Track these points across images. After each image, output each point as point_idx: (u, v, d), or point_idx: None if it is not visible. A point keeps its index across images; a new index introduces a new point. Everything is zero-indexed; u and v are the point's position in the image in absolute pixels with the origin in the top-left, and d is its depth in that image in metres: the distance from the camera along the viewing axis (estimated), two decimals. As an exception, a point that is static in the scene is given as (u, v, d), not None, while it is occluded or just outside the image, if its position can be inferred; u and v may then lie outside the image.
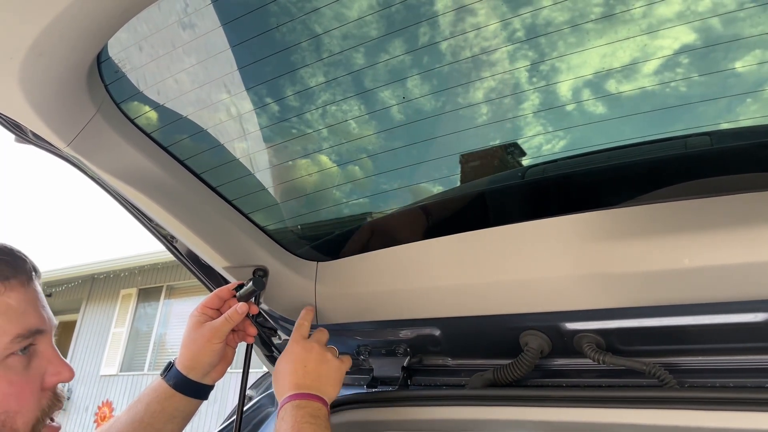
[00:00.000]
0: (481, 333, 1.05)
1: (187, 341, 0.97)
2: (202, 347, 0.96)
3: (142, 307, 11.89)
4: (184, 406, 0.97)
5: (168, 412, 0.96)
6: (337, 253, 1.17)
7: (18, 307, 0.72)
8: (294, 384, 0.90)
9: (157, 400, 0.95)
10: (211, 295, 1.01)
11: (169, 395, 0.96)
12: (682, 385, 0.89)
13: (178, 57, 0.92)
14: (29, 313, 0.73)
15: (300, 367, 0.93)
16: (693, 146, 0.88)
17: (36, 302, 0.75)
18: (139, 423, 0.94)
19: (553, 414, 0.90)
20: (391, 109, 0.95)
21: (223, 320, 0.97)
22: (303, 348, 0.96)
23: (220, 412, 8.64)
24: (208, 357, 0.97)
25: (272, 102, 0.99)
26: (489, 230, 0.98)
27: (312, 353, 0.95)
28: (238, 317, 0.97)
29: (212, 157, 1.08)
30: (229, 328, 0.97)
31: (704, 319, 0.85)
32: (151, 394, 0.97)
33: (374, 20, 0.83)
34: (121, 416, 0.98)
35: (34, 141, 0.93)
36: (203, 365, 0.97)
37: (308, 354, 0.94)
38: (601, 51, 0.79)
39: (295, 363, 0.94)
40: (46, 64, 0.75)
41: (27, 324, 0.73)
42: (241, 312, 0.97)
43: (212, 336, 0.96)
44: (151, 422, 0.94)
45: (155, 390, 0.97)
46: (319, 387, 0.91)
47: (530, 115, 0.91)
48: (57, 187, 25.39)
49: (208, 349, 0.96)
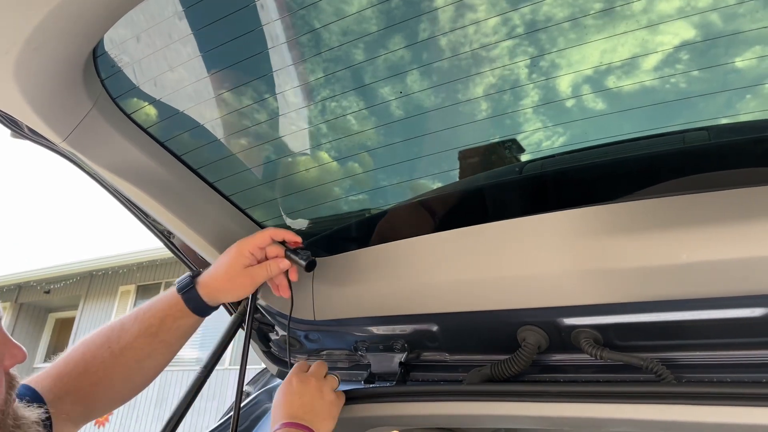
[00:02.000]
0: (479, 328, 1.05)
1: (224, 276, 0.97)
2: (234, 288, 0.98)
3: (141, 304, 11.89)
4: (198, 323, 1.01)
5: (182, 330, 0.98)
6: (333, 248, 1.17)
7: None
8: (287, 414, 0.93)
9: (173, 317, 0.97)
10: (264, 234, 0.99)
11: (185, 314, 0.97)
12: (679, 380, 0.89)
13: (174, 51, 0.91)
14: None
15: (296, 398, 0.95)
16: (691, 141, 0.88)
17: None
18: (153, 337, 0.96)
19: (551, 409, 0.90)
20: (389, 104, 0.95)
21: (264, 271, 0.98)
22: (299, 380, 0.98)
23: (218, 409, 8.66)
24: (233, 298, 1.01)
25: (269, 97, 0.99)
26: (486, 225, 0.98)
27: (308, 386, 0.97)
28: (278, 270, 0.99)
29: (209, 153, 1.08)
30: (266, 279, 0.99)
31: (702, 314, 0.85)
32: (166, 309, 0.97)
33: (373, 15, 0.82)
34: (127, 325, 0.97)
35: (30, 136, 0.93)
36: (224, 301, 1.01)
37: (304, 387, 0.97)
38: (601, 46, 0.79)
39: (290, 395, 0.96)
40: (42, 59, 0.75)
41: None
42: (282, 267, 0.99)
43: (249, 284, 0.98)
44: (165, 338, 0.96)
45: (172, 307, 0.97)
46: (312, 420, 0.93)
47: (529, 111, 0.91)
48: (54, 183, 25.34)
49: (239, 293, 1.00)
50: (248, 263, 0.98)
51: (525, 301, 0.94)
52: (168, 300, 0.98)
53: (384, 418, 1.08)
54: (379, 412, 1.07)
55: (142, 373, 0.98)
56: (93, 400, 0.93)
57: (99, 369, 0.92)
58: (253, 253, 0.98)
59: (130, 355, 0.95)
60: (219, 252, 1.06)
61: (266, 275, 0.98)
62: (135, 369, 0.96)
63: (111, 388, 0.95)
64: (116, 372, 0.94)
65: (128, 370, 0.95)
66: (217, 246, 1.06)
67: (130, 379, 0.97)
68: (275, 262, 0.98)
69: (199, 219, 1.06)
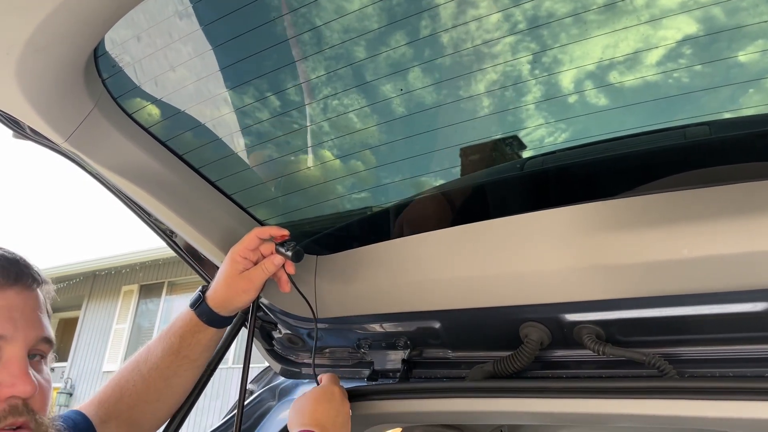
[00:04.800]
0: (481, 325, 1.05)
1: (223, 285, 0.99)
2: (237, 294, 1.00)
3: (144, 304, 11.93)
4: (217, 335, 1.03)
5: (203, 343, 1.01)
6: (336, 246, 1.17)
7: None
8: (320, 424, 0.92)
9: (191, 333, 1.00)
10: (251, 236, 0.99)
11: (202, 328, 1.00)
12: (682, 375, 0.89)
13: (175, 51, 0.91)
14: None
15: (332, 412, 0.95)
16: (692, 136, 0.87)
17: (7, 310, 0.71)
18: (176, 355, 0.99)
19: (554, 405, 0.90)
20: (391, 101, 0.95)
21: (260, 272, 0.99)
22: (342, 397, 0.99)
23: (222, 408, 8.69)
24: (241, 303, 1.01)
25: (271, 95, 0.99)
26: (488, 222, 0.98)
27: (345, 407, 0.98)
28: (273, 268, 0.99)
29: (211, 152, 1.08)
30: (265, 278, 1.00)
31: (704, 309, 0.85)
32: (184, 327, 1.00)
33: (374, 12, 0.82)
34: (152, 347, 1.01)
35: (32, 137, 0.93)
36: (235, 308, 1.02)
37: (342, 405, 0.97)
38: (603, 42, 0.79)
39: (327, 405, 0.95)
40: (43, 59, 0.75)
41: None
42: (277, 263, 0.99)
43: (249, 287, 0.99)
44: (187, 354, 1.00)
45: (188, 323, 1.00)
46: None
47: (531, 107, 0.91)
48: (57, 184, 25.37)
49: (244, 298, 1.01)
50: (243, 268, 0.99)
51: (527, 298, 0.94)
52: (183, 317, 1.02)
53: (387, 415, 1.08)
54: (382, 410, 1.07)
55: (172, 391, 1.02)
56: (134, 423, 0.98)
57: (132, 393, 0.98)
58: (245, 257, 0.99)
59: (157, 375, 0.99)
60: (221, 250, 1.06)
61: (263, 274, 0.99)
62: (165, 388, 1.00)
63: (147, 411, 1.00)
64: (148, 394, 0.99)
65: (158, 390, 1.00)
66: (219, 244, 1.06)
67: (162, 399, 1.01)
68: (269, 260, 0.99)
69: (202, 218, 1.06)
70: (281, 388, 1.40)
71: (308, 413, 0.94)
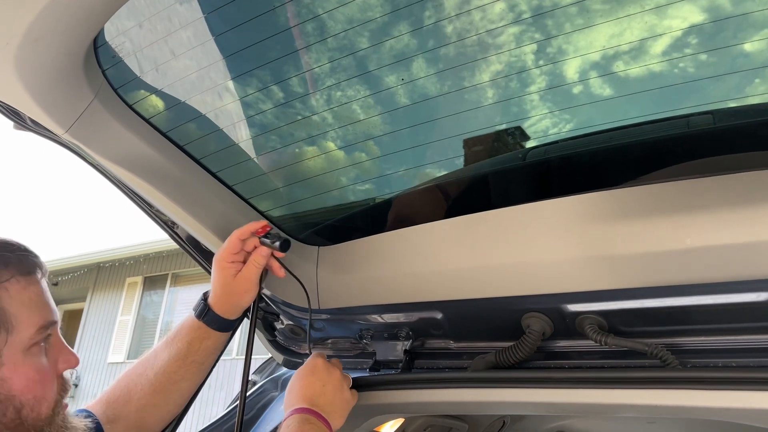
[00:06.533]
0: (483, 316, 1.05)
1: (223, 292, 1.01)
2: (240, 296, 1.01)
3: (148, 295, 11.98)
4: (225, 337, 1.05)
5: (211, 348, 1.03)
6: (338, 237, 1.17)
7: (38, 301, 0.77)
8: (305, 397, 0.92)
9: (198, 339, 1.02)
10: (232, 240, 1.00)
11: (211, 335, 1.02)
12: (684, 365, 0.89)
13: (175, 41, 0.91)
14: (47, 306, 0.79)
15: (318, 384, 0.95)
16: (695, 125, 0.86)
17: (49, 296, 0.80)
18: (183, 360, 1.01)
19: (556, 395, 0.91)
20: (394, 91, 0.94)
21: (253, 268, 1.00)
22: (326, 366, 0.98)
23: (226, 399, 8.76)
24: (246, 303, 1.03)
25: (273, 85, 0.98)
26: (490, 212, 0.97)
27: (333, 376, 0.97)
28: (263, 260, 1.00)
29: (212, 142, 1.08)
30: (259, 272, 1.01)
31: (706, 299, 0.84)
32: (191, 333, 1.02)
33: (378, 2, 0.82)
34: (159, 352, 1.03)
35: (33, 128, 0.93)
36: (241, 309, 1.04)
37: (329, 375, 0.97)
38: (608, 31, 0.78)
39: (312, 378, 0.96)
40: (42, 49, 0.74)
41: (47, 316, 0.78)
42: (265, 255, 1.00)
43: (248, 286, 1.01)
44: (195, 359, 1.02)
45: (195, 330, 1.02)
46: (330, 413, 0.93)
47: (535, 97, 0.90)
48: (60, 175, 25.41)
49: (247, 297, 1.02)
50: (234, 271, 1.00)
51: (529, 288, 0.94)
52: (190, 325, 1.03)
53: (389, 406, 1.09)
54: (384, 400, 1.07)
55: (180, 394, 1.03)
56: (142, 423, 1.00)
57: (140, 396, 1.00)
58: (233, 261, 1.00)
59: (164, 379, 1.01)
60: (222, 241, 1.06)
61: (256, 269, 1.00)
62: (173, 391, 1.02)
63: (155, 413, 1.02)
64: (156, 397, 1.01)
65: (166, 393, 1.01)
66: (220, 235, 1.06)
67: (170, 401, 1.03)
68: (257, 254, 1.00)
69: (202, 209, 1.06)
70: (284, 378, 1.41)
71: (295, 392, 0.94)
